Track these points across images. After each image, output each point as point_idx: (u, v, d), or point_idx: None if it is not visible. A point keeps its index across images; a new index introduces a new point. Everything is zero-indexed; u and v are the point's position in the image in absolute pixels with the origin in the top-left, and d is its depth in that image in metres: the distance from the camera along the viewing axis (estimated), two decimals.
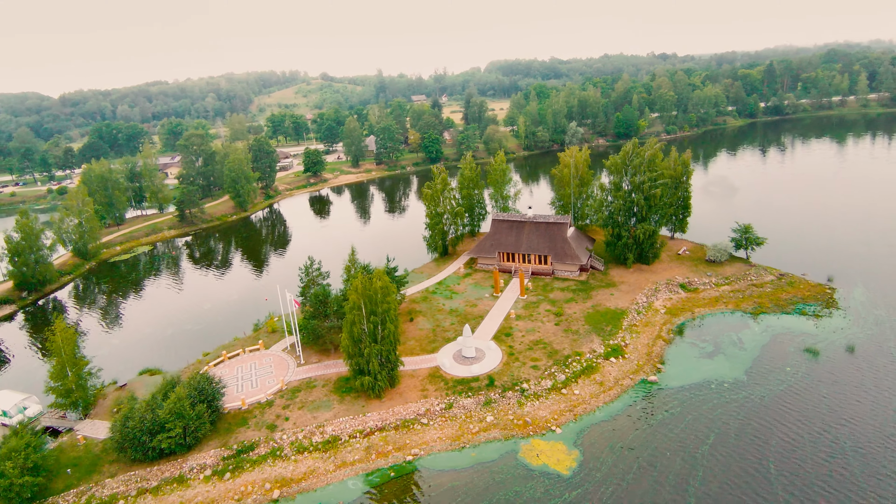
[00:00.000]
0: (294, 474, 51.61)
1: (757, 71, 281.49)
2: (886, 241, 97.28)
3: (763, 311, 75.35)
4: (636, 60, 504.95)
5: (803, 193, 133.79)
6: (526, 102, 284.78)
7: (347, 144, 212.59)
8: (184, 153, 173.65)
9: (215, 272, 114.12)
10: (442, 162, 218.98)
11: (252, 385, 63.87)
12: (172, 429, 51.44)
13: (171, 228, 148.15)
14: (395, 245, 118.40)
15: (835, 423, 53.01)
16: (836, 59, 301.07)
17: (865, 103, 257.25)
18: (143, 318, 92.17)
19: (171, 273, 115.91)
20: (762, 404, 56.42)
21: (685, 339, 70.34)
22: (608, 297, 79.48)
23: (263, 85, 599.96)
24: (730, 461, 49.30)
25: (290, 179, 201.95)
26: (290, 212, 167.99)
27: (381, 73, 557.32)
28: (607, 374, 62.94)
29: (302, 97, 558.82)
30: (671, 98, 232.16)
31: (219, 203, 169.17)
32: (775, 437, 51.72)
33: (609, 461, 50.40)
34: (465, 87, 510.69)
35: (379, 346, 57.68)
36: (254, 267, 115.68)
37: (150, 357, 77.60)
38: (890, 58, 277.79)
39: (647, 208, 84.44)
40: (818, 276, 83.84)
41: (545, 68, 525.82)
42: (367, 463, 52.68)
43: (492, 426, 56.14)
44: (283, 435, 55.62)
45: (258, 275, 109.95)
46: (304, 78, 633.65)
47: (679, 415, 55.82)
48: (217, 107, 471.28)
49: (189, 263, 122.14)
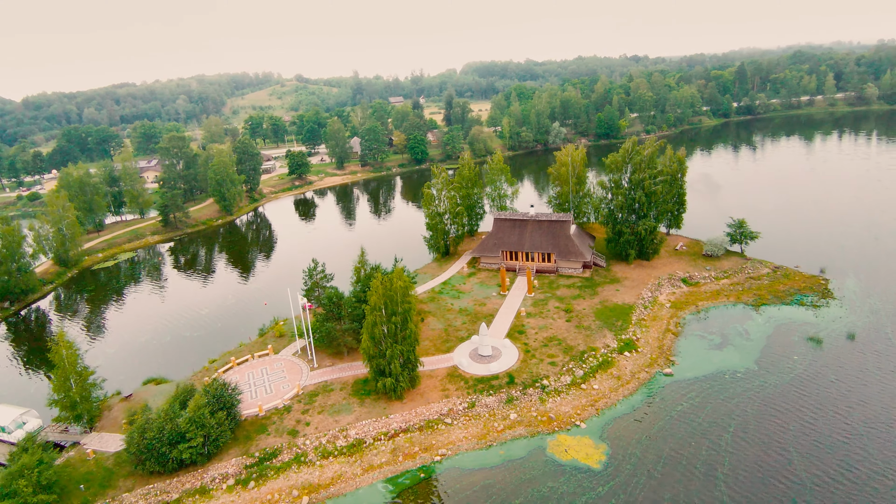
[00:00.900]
0: (321, 480, 50.60)
1: (728, 72, 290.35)
2: (870, 233, 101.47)
3: (764, 303, 77.63)
4: (609, 62, 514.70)
5: (782, 190, 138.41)
6: (507, 103, 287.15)
7: (332, 146, 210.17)
8: (164, 156, 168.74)
9: (207, 277, 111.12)
10: (427, 163, 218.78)
11: (266, 391, 62.39)
12: (193, 438, 49.78)
13: (154, 234, 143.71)
14: (392, 246, 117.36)
15: (846, 406, 55.03)
16: (802, 61, 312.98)
17: (833, 102, 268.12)
18: (137, 325, 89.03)
19: (159, 279, 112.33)
20: (775, 392, 58.09)
21: (693, 331, 71.87)
22: (614, 293, 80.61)
23: (236, 87, 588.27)
24: (753, 447, 50.59)
25: (275, 182, 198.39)
26: (277, 215, 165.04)
27: (358, 75, 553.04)
28: (623, 368, 63.80)
29: (277, 99, 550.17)
30: (650, 98, 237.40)
31: (202, 207, 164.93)
32: (793, 423, 53.34)
33: (637, 453, 51.06)
34: (443, 89, 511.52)
35: (400, 346, 57.10)
36: (246, 271, 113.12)
37: (151, 366, 75.05)
38: (854, 59, 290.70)
39: (648, 205, 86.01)
40: (811, 268, 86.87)
41: (521, 70, 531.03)
42: (395, 465, 52.07)
43: (516, 423, 56.21)
44: (306, 440, 54.48)
45: (252, 279, 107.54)
46: (277, 80, 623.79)
47: (698, 405, 56.98)
48: (189, 109, 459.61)
49: (177, 269, 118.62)
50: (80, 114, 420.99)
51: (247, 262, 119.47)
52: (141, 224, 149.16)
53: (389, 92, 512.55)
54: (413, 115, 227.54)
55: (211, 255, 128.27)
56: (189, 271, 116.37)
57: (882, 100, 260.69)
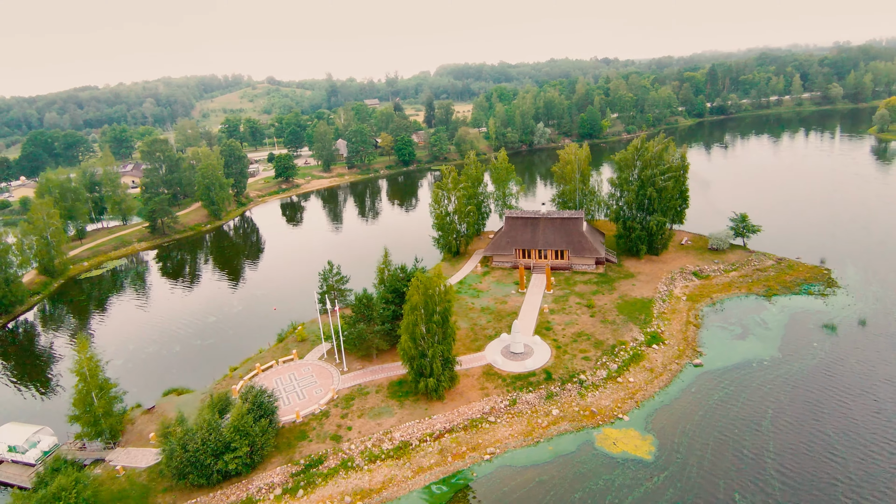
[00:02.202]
0: (372, 484, 49.49)
1: (700, 73, 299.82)
2: (860, 224, 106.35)
3: (774, 293, 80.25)
4: (581, 65, 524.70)
5: (767, 185, 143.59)
6: (489, 104, 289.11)
7: (318, 148, 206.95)
8: (146, 160, 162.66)
9: (206, 284, 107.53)
10: (415, 165, 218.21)
11: (299, 396, 60.70)
12: (238, 448, 47.93)
13: (141, 241, 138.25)
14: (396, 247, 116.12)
15: (871, 385, 57.56)
16: (768, 62, 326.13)
17: (800, 102, 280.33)
18: (141, 335, 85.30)
19: (155, 287, 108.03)
20: (803, 377, 60.06)
21: (713, 323, 73.63)
22: (631, 288, 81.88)
23: (205, 89, 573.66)
24: (793, 431, 52.16)
25: (261, 185, 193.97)
26: (267, 218, 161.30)
27: (332, 77, 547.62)
28: (654, 360, 64.80)
29: (248, 101, 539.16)
30: (630, 99, 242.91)
31: (189, 212, 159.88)
32: (826, 404, 55.32)
33: (685, 442, 51.88)
34: (419, 91, 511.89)
35: (441, 346, 56.49)
36: (247, 277, 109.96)
37: (165, 376, 72.09)
38: (818, 60, 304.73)
39: (658, 201, 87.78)
40: (812, 259, 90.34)
41: (496, 72, 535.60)
42: (445, 466, 51.39)
43: (560, 419, 56.34)
44: (351, 445, 53.21)
45: (255, 285, 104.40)
46: (248, 82, 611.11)
47: (734, 394, 58.35)
48: (156, 112, 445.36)
49: (172, 277, 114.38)
50: (41, 118, 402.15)
51: (244, 268, 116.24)
52: (126, 231, 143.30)
53: (364, 94, 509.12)
54: (398, 117, 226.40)
55: (206, 262, 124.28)
56: (185, 278, 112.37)
57: (846, 99, 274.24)
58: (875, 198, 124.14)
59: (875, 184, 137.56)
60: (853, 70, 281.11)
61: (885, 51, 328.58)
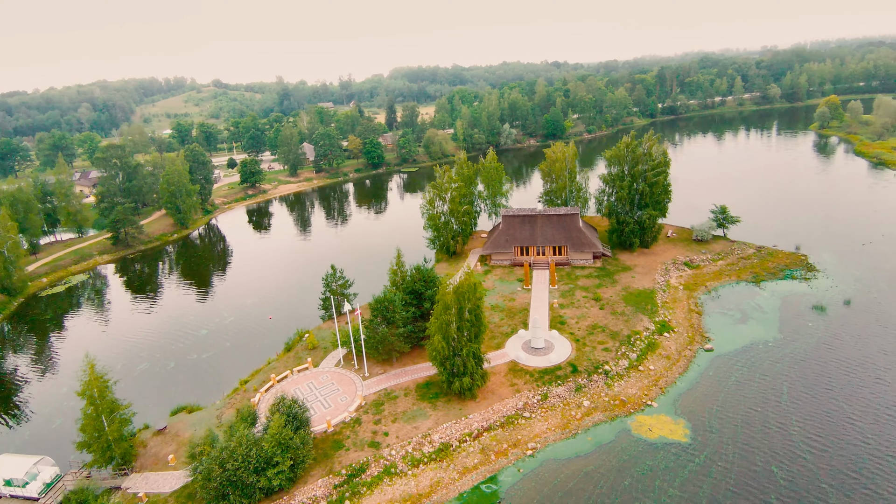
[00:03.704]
0: (420, 489, 48.39)
1: (650, 76, 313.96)
2: (823, 212, 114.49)
3: (762, 280, 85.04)
4: (533, 67, 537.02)
5: (727, 178, 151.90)
6: (451, 106, 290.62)
7: (284, 152, 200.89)
8: (102, 167, 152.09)
9: (187, 296, 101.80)
10: (384, 167, 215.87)
11: (323, 405, 58.49)
12: (280, 462, 45.58)
13: (103, 253, 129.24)
14: (383, 251, 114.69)
15: (869, 357, 62.56)
16: (710, 65, 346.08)
17: (741, 102, 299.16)
18: (129, 353, 79.59)
19: (129, 302, 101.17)
20: (808, 354, 63.99)
21: (713, 310, 77.07)
22: (632, 280, 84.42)
23: (144, 93, 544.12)
24: (809, 402, 55.67)
25: (226, 192, 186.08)
26: (236, 226, 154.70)
27: (283, 80, 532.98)
28: (668, 348, 67.05)
29: (193, 106, 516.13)
30: (589, 100, 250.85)
31: (152, 221, 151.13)
32: (833, 376, 59.55)
33: (715, 423, 53.97)
34: (374, 94, 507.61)
35: (474, 344, 56.10)
36: (231, 286, 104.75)
37: (166, 394, 67.73)
38: (755, 62, 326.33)
39: (649, 195, 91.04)
40: (788, 246, 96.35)
41: (450, 75, 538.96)
42: (490, 464, 51.02)
43: (592, 410, 57.22)
44: (391, 450, 51.81)
45: (241, 294, 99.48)
46: (192, 85, 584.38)
47: (748, 374, 61.29)
48: (93, 118, 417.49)
49: (146, 290, 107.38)
50: None
51: (225, 277, 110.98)
52: (84, 244, 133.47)
53: (318, 97, 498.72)
54: (365, 120, 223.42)
55: (180, 273, 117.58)
56: (161, 291, 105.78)
57: (783, 98, 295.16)
58: (829, 187, 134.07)
59: (825, 175, 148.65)
60: (789, 71, 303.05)
61: (816, 53, 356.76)
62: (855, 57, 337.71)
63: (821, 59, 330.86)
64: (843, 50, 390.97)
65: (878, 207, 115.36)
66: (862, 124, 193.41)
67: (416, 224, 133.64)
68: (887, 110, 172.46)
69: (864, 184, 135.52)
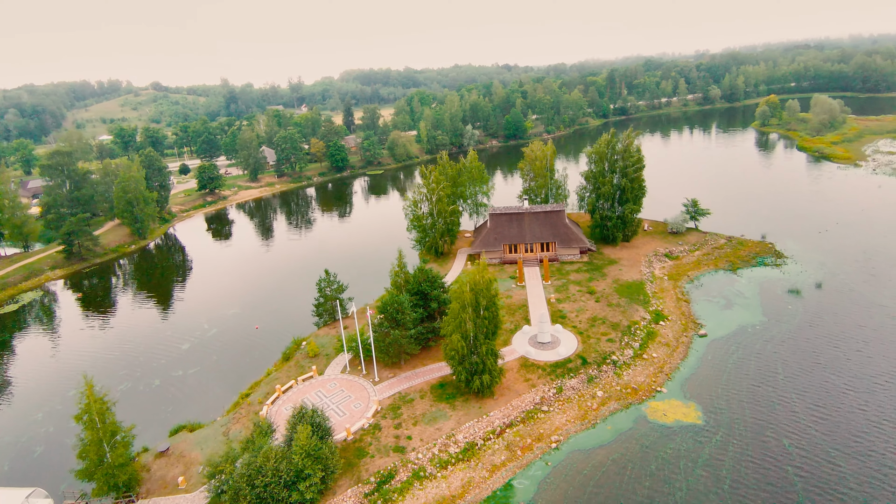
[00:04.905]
0: (452, 491, 47.73)
1: (601, 78, 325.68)
2: (782, 203, 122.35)
3: (738, 267, 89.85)
4: (485, 70, 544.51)
5: (684, 173, 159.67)
6: (410, 108, 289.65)
7: (244, 157, 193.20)
8: (48, 175, 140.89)
9: (159, 309, 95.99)
10: (348, 170, 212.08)
11: (338, 413, 56.61)
12: (311, 474, 43.65)
13: (56, 268, 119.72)
14: (363, 254, 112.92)
15: (848, 332, 67.95)
16: (654, 68, 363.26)
17: (685, 103, 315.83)
18: (107, 372, 73.70)
19: (96, 318, 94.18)
20: (795, 334, 68.25)
21: (699, 298, 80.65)
22: (620, 272, 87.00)
23: (76, 97, 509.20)
24: (805, 377, 59.68)
25: (183, 199, 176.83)
26: (198, 235, 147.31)
27: (228, 83, 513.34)
28: (666, 335, 69.56)
29: (131, 110, 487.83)
30: (548, 102, 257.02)
31: (105, 232, 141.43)
32: (821, 351, 64.19)
33: (723, 404, 56.46)
34: (326, 97, 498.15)
35: (492, 341, 56.00)
36: (204, 297, 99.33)
37: (158, 413, 63.62)
38: (695, 65, 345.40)
39: (630, 190, 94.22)
40: (754, 236, 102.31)
41: (403, 77, 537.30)
42: (517, 460, 51.06)
43: (607, 399, 58.46)
44: (418, 454, 50.81)
45: (219, 304, 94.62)
46: (129, 88, 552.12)
47: (744, 356, 64.55)
48: (21, 124, 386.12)
49: (110, 305, 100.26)
50: None
51: (195, 288, 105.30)
52: (33, 258, 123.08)
53: (267, 100, 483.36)
54: (327, 122, 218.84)
55: (146, 285, 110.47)
56: (128, 305, 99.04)
57: (723, 99, 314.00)
58: (781, 180, 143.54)
59: (775, 169, 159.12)
60: (727, 73, 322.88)
61: (750, 56, 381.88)
62: (786, 59, 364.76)
63: (755, 61, 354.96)
64: (774, 53, 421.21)
65: (828, 197, 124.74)
66: (800, 121, 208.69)
67: (392, 226, 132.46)
68: (823, 108, 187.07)
69: (811, 176, 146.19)
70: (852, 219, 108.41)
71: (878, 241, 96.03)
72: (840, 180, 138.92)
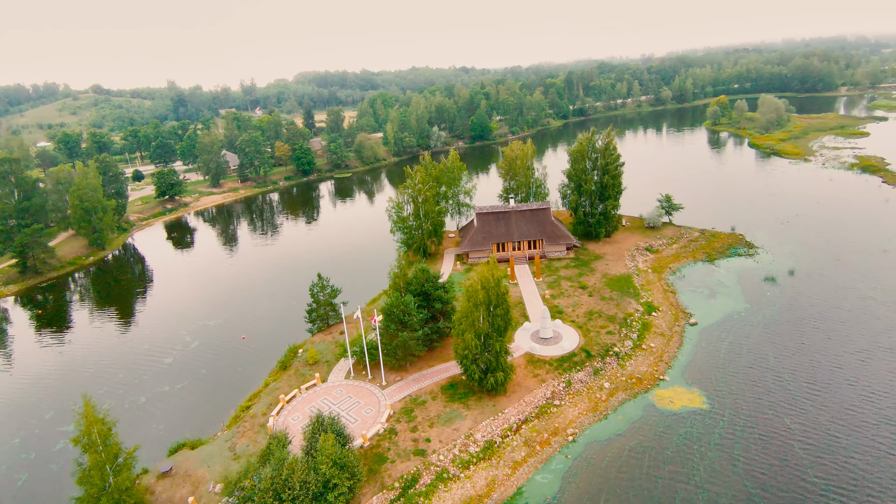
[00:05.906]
0: (478, 490, 47.42)
1: (559, 80, 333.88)
2: (744, 197, 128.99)
3: (714, 258, 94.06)
4: (443, 73, 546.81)
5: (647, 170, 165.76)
6: (373, 110, 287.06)
7: (205, 161, 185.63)
8: None
9: (133, 324, 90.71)
10: (315, 174, 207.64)
11: (349, 420, 55.08)
12: (339, 484, 42.25)
13: (9, 283, 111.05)
14: (345, 256, 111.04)
15: (825, 313, 72.47)
16: (608, 71, 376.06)
17: (640, 104, 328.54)
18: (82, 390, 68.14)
19: (65, 334, 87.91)
20: (778, 318, 72.07)
21: (684, 288, 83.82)
22: (606, 267, 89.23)
23: (10, 102, 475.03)
24: (794, 356, 63.33)
25: (140, 207, 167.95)
26: (159, 244, 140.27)
27: (175, 85, 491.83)
28: (660, 326, 71.86)
29: (71, 115, 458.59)
30: (512, 103, 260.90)
31: (60, 243, 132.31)
32: (805, 331, 68.30)
33: (725, 387, 58.87)
34: (281, 100, 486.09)
35: (503, 339, 56.10)
36: (179, 309, 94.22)
37: (150, 432, 60.08)
38: (646, 68, 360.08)
39: (612, 187, 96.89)
40: (724, 228, 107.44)
41: (360, 80, 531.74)
42: (537, 455, 51.33)
43: (614, 390, 59.74)
44: (438, 456, 50.14)
45: (199, 315, 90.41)
46: (67, 92, 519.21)
47: (736, 342, 67.57)
48: None
49: (76, 321, 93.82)
50: None
51: (166, 300, 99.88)
52: None
53: (218, 103, 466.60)
54: (291, 125, 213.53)
55: (109, 298, 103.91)
56: (95, 320, 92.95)
57: (674, 100, 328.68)
58: (737, 175, 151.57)
59: (730, 165, 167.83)
60: (676, 76, 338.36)
61: (696, 59, 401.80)
62: (729, 62, 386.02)
63: (701, 64, 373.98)
64: (716, 56, 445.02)
65: (785, 190, 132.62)
66: (748, 120, 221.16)
67: (369, 228, 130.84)
68: (770, 107, 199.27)
69: (766, 171, 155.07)
70: (809, 210, 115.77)
71: (837, 229, 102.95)
72: (793, 175, 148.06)
